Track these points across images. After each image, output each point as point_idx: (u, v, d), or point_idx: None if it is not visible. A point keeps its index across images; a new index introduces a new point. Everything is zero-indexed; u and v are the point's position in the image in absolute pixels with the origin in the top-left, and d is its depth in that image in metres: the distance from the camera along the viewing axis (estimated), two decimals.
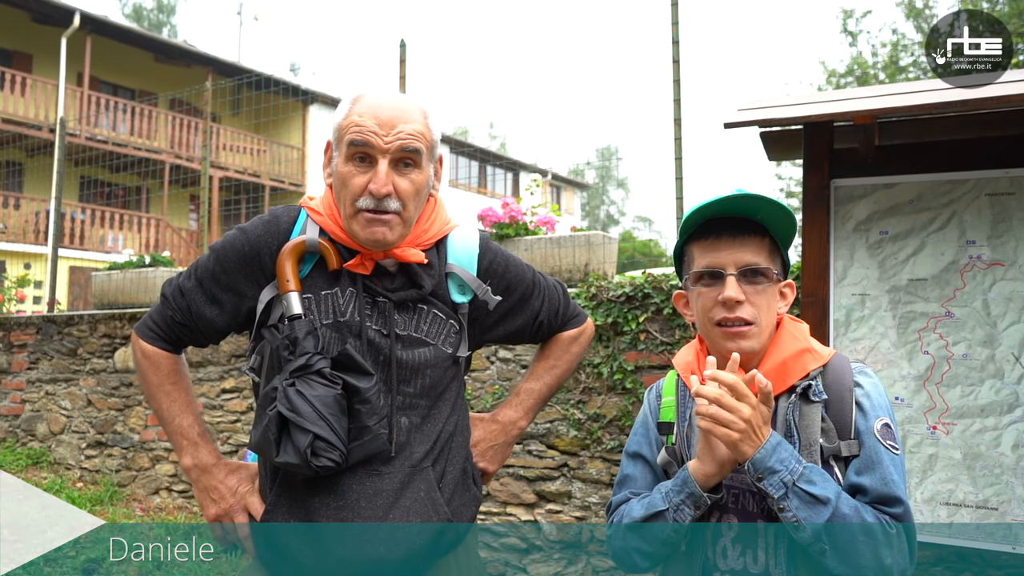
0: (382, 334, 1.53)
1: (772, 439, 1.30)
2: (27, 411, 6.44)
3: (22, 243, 15.89)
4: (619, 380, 3.93)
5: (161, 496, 5.62)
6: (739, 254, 1.41)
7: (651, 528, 1.40)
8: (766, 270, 1.41)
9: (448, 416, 1.62)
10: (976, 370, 2.46)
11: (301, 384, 1.40)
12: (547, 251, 4.67)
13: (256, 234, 1.56)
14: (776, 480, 1.28)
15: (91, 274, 7.28)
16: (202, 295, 1.58)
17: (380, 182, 1.46)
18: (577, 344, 1.88)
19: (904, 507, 1.30)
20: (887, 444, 1.35)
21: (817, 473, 1.30)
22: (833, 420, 1.37)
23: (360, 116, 1.48)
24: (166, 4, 35.41)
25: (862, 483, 1.32)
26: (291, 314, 1.48)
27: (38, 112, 16.67)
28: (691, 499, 1.35)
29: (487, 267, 1.68)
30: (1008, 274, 2.44)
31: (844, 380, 1.40)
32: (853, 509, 1.28)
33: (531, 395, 1.84)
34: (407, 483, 1.51)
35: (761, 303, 1.40)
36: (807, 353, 1.43)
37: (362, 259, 1.54)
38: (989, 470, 2.42)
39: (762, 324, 1.41)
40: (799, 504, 1.27)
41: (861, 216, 2.64)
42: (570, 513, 4.05)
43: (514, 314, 1.74)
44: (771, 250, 1.44)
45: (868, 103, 2.45)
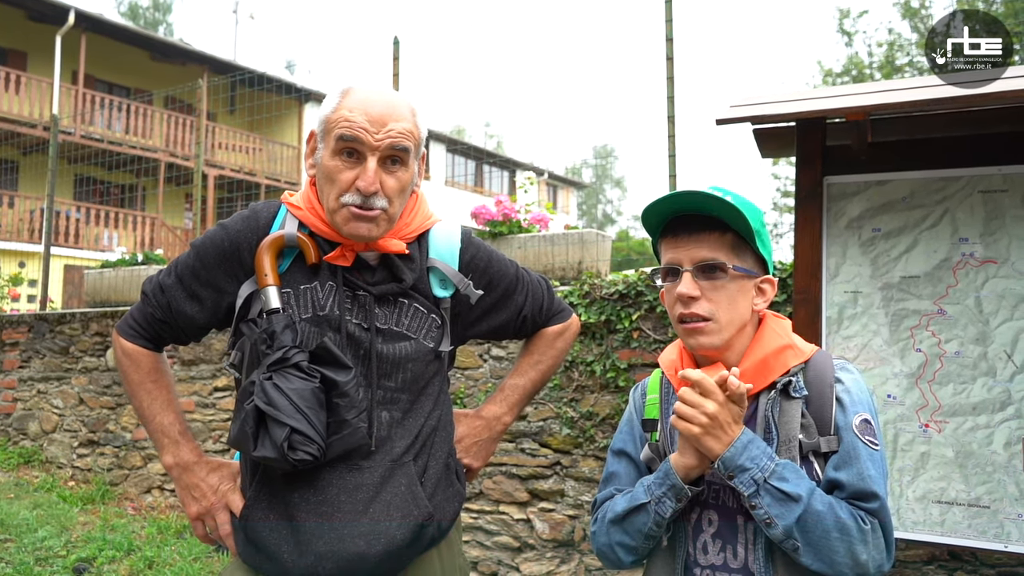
0: (362, 327, 1.52)
1: (743, 437, 1.30)
2: (19, 410, 6.42)
3: (16, 241, 15.85)
4: (612, 378, 3.91)
5: (153, 495, 5.60)
6: (695, 250, 1.40)
7: (633, 521, 1.40)
8: (721, 264, 1.39)
9: (431, 411, 1.60)
10: (968, 368, 2.45)
11: (278, 378, 1.39)
12: (540, 249, 4.66)
13: (236, 229, 1.55)
14: (747, 478, 1.28)
15: (84, 272, 7.25)
16: (182, 291, 1.57)
17: (369, 180, 1.45)
18: (562, 340, 1.87)
19: (880, 502, 1.30)
20: (866, 440, 1.34)
21: (790, 470, 1.30)
22: (813, 416, 1.37)
23: (350, 111, 1.46)
24: (162, 2, 35.35)
25: (839, 478, 1.32)
26: (269, 308, 1.47)
27: (33, 110, 16.62)
28: (672, 491, 1.35)
29: (469, 261, 1.67)
30: (1001, 272, 2.43)
31: (825, 376, 1.40)
32: (827, 505, 1.28)
33: (516, 391, 1.83)
34: (388, 478, 1.50)
35: (719, 298, 1.39)
36: (788, 349, 1.43)
37: (343, 250, 1.53)
38: (981, 468, 2.41)
39: (721, 320, 1.40)
40: (771, 501, 1.27)
41: (854, 213, 2.62)
42: (563, 511, 4.04)
43: (497, 309, 1.74)
44: (734, 245, 1.41)
45: (861, 99, 2.43)
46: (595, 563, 3.94)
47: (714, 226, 1.40)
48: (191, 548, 4.58)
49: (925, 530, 2.46)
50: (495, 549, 4.20)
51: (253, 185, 18.89)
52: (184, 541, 4.74)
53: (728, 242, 1.41)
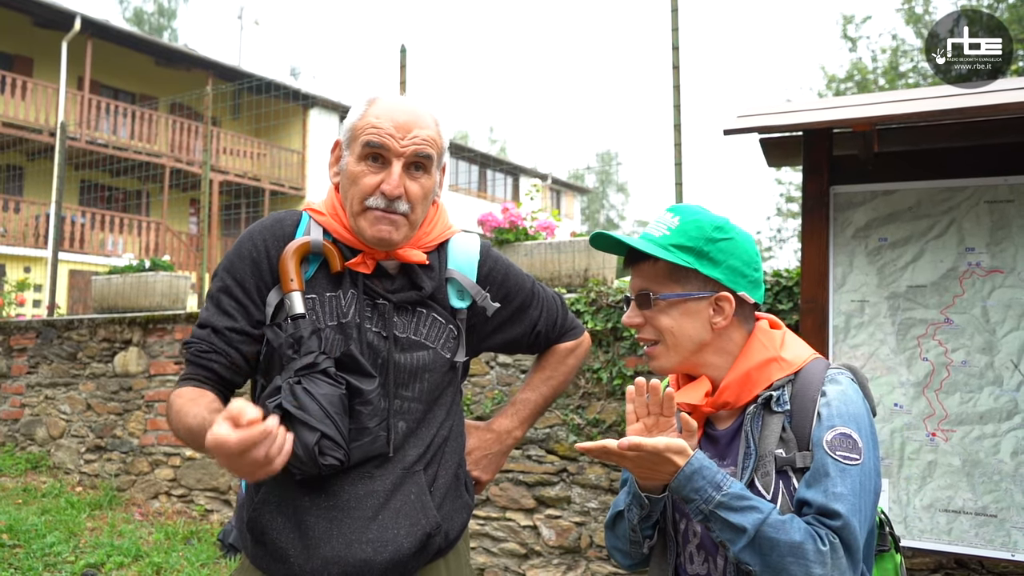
0: (381, 336, 1.53)
1: (688, 467, 1.29)
2: (26, 415, 6.44)
3: (22, 247, 15.91)
4: (619, 385, 3.93)
5: (160, 501, 5.62)
6: (635, 280, 1.49)
7: (618, 527, 1.52)
8: (647, 295, 1.45)
9: (443, 421, 1.62)
10: (975, 377, 2.46)
11: (307, 382, 1.40)
12: (547, 256, 4.67)
13: (262, 238, 1.57)
14: (694, 507, 1.31)
15: (91, 278, 7.28)
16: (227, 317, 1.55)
17: (393, 183, 1.48)
18: (574, 356, 1.89)
19: (843, 520, 1.27)
20: (837, 455, 1.31)
21: (738, 499, 1.28)
22: (795, 431, 1.36)
23: (377, 118, 1.50)
24: (167, 8, 35.46)
25: (807, 496, 1.31)
26: (294, 313, 1.48)
27: (39, 116, 16.69)
28: (635, 500, 1.43)
29: (487, 274, 1.69)
30: (1007, 281, 2.45)
31: (810, 390, 1.38)
32: (780, 529, 1.26)
33: (527, 405, 1.85)
34: (398, 486, 1.51)
35: (661, 323, 1.44)
36: (773, 363, 1.42)
37: (364, 257, 1.54)
38: (988, 477, 2.42)
39: (669, 343, 1.45)
40: (721, 527, 1.29)
41: (860, 223, 2.64)
42: (569, 518, 4.05)
43: (512, 323, 1.75)
44: (671, 272, 1.43)
45: (867, 110, 2.45)
46: (601, 570, 3.95)
47: (647, 256, 1.45)
48: (198, 554, 4.59)
49: (932, 538, 2.47)
50: (502, 556, 4.21)
51: (258, 191, 18.93)
52: (191, 547, 4.75)
53: (663, 270, 1.44)
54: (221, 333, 1.52)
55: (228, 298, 1.54)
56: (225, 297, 1.54)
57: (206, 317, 1.54)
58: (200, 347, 1.52)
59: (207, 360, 1.51)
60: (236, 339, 1.52)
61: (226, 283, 1.55)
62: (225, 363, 1.52)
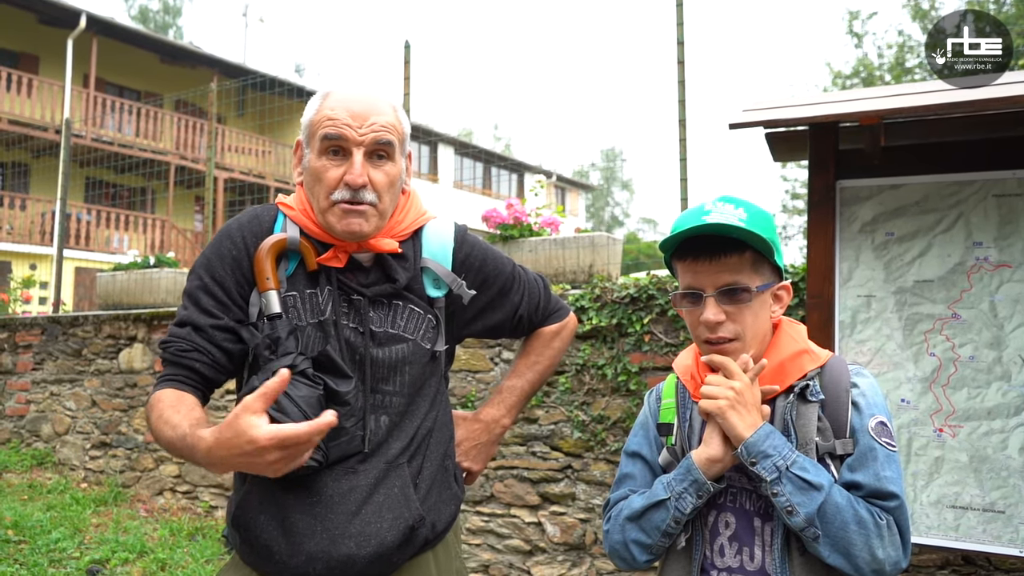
0: (358, 332, 1.51)
1: (766, 427, 1.34)
2: (32, 412, 6.46)
3: (28, 244, 15.94)
4: (623, 382, 3.91)
5: (165, 497, 5.63)
6: (717, 275, 1.40)
7: (651, 518, 1.42)
8: (745, 287, 1.39)
9: (427, 412, 1.60)
10: (983, 372, 2.45)
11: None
12: (551, 252, 4.66)
13: (240, 236, 1.55)
14: (769, 464, 1.31)
15: (96, 275, 7.29)
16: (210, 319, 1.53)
17: (356, 173, 1.46)
18: (559, 339, 1.87)
19: (899, 501, 1.33)
20: (882, 441, 1.37)
21: (810, 462, 1.33)
22: (829, 419, 1.39)
23: (332, 110, 1.48)
24: (172, 6, 35.53)
25: (856, 479, 1.35)
26: (270, 312, 1.46)
27: (44, 113, 16.73)
28: (694, 487, 1.37)
29: (463, 260, 1.67)
30: (1015, 276, 2.43)
31: (841, 380, 1.42)
32: (846, 499, 1.31)
33: (513, 392, 1.83)
34: (381, 480, 1.50)
35: (744, 318, 1.40)
36: (805, 354, 1.45)
37: (335, 252, 1.53)
38: (996, 473, 2.40)
39: (747, 337, 1.41)
40: (792, 489, 1.29)
41: (867, 217, 2.62)
42: (574, 515, 4.04)
43: (493, 308, 1.73)
44: (754, 262, 1.41)
45: (874, 104, 2.43)
46: (606, 567, 3.94)
47: (732, 247, 1.39)
48: (203, 550, 4.60)
49: (939, 535, 2.45)
50: (506, 552, 4.21)
51: (262, 188, 18.95)
52: (196, 543, 4.76)
53: (748, 261, 1.40)
54: (203, 331, 1.49)
55: (207, 296, 1.51)
56: (204, 295, 1.51)
57: (185, 315, 1.51)
58: (180, 346, 1.49)
59: (189, 359, 1.48)
60: (219, 336, 1.50)
61: (204, 281, 1.52)
62: (208, 361, 1.49)
